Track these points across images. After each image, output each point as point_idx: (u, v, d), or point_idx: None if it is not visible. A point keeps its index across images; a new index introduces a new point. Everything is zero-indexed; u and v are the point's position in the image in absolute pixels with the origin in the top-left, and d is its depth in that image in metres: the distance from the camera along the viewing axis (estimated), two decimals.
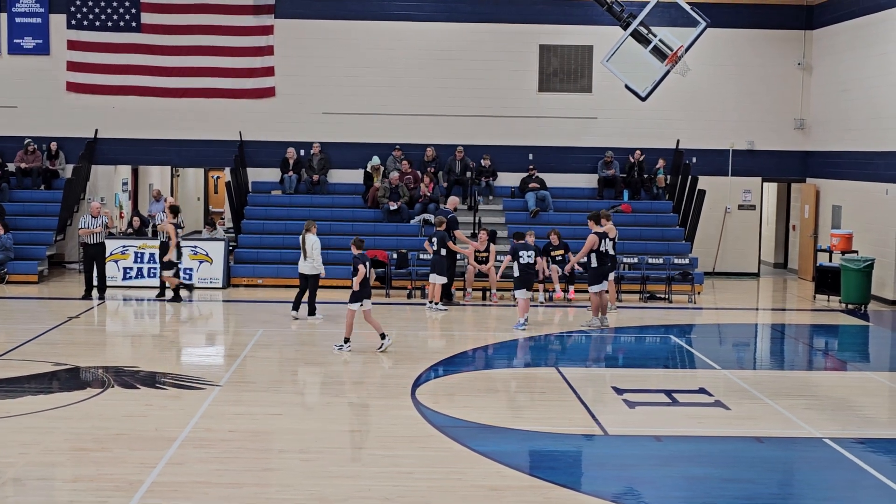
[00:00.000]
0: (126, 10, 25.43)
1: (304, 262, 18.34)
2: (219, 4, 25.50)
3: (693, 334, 18.81)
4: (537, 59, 25.94)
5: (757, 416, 12.48)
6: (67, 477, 9.84)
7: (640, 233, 24.16)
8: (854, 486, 10.01)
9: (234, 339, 17.62)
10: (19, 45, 25.52)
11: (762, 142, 26.39)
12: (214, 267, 22.51)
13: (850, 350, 18.24)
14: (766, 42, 26.16)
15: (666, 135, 25.95)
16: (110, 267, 21.63)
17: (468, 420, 11.99)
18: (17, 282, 22.43)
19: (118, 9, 25.41)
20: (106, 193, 26.21)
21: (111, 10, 25.41)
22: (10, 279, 22.45)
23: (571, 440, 11.52)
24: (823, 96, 25.62)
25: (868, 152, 23.14)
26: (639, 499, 9.52)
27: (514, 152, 25.93)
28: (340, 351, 15.56)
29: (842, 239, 22.75)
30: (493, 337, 17.73)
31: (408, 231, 24.03)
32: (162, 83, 25.58)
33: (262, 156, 25.91)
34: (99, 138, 25.76)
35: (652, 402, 13.12)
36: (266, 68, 25.75)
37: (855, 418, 12.57)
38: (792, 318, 21.05)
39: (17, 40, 25.53)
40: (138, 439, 10.91)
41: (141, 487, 9.35)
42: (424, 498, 9.28)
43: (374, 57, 25.71)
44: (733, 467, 10.50)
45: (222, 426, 11.49)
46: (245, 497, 9.22)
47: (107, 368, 14.42)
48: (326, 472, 9.98)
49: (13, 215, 23.87)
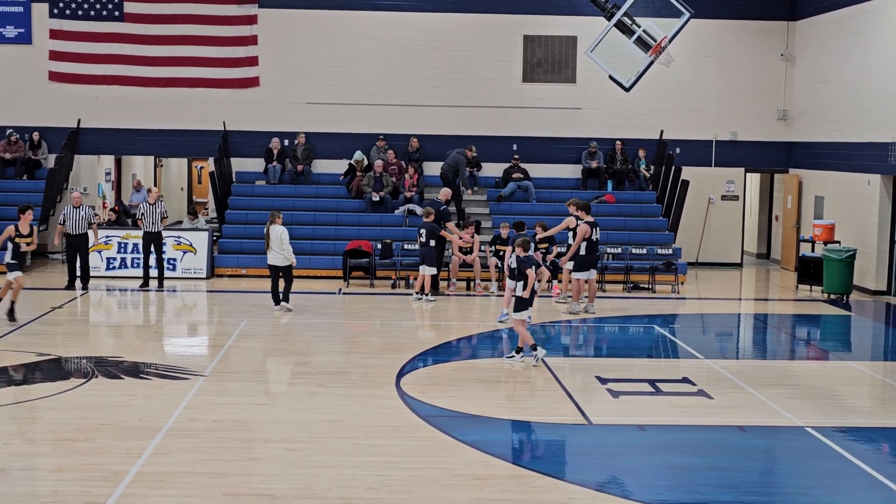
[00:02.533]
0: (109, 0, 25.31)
1: (274, 254, 17.93)
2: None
3: (676, 324, 18.87)
4: (521, 49, 25.93)
5: (739, 405, 12.54)
6: (51, 467, 9.82)
7: (624, 223, 24.23)
8: (835, 474, 10.07)
9: (218, 329, 17.59)
10: (1, 35, 25.35)
11: (745, 132, 26.47)
12: (198, 257, 22.47)
13: (832, 340, 18.33)
14: (749, 33, 26.23)
15: (650, 125, 26.00)
16: (93, 257, 21.55)
17: (452, 409, 12.01)
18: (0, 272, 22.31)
19: None
20: (89, 184, 26.11)
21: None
22: None
23: (555, 429, 11.55)
24: (806, 87, 25.71)
25: (850, 143, 23.23)
26: (622, 488, 9.55)
27: (499, 143, 25.94)
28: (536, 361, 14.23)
29: (824, 229, 22.86)
30: (478, 327, 17.76)
31: (392, 221, 24.02)
32: (145, 73, 25.47)
33: (245, 146, 25.84)
34: (82, 128, 25.65)
35: (635, 391, 13.17)
36: (250, 58, 25.67)
37: (837, 407, 12.65)
38: (774, 307, 21.15)
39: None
40: (122, 429, 10.89)
41: (125, 477, 9.34)
42: (408, 487, 9.30)
43: (359, 47, 25.66)
44: (716, 456, 10.55)
45: (207, 416, 11.48)
46: (230, 486, 9.22)
47: (90, 358, 14.38)
48: (311, 461, 9.99)
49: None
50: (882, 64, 21.82)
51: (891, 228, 21.87)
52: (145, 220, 20.67)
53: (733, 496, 9.28)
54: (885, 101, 21.66)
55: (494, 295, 20.53)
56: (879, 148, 21.67)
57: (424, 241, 19.85)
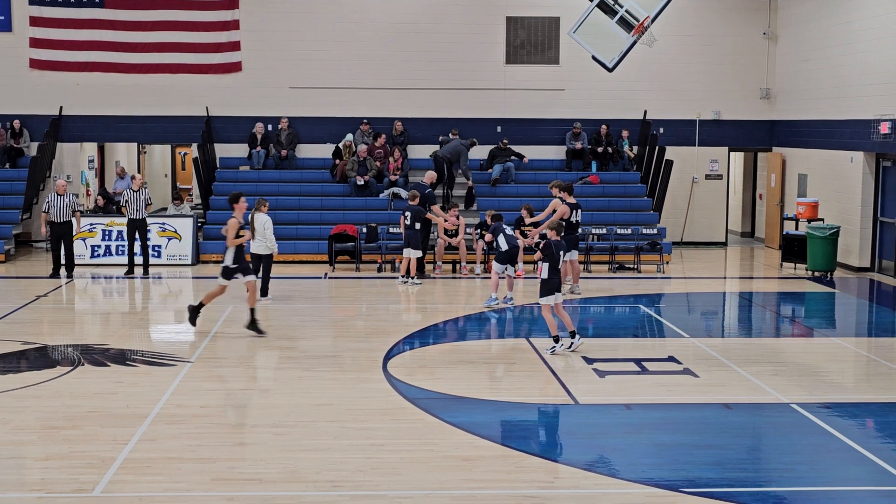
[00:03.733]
0: None
1: (256, 242, 17.42)
2: None
3: (662, 303, 18.94)
4: (504, 31, 25.89)
5: (725, 383, 12.60)
6: (39, 455, 9.81)
7: (609, 203, 24.26)
8: (820, 449, 10.14)
9: (204, 316, 17.50)
10: None
11: (728, 112, 26.51)
12: (183, 244, 22.42)
13: (817, 317, 18.42)
14: (732, 12, 26.24)
15: (633, 105, 26.01)
16: (78, 245, 21.48)
17: (440, 392, 12.04)
18: None
19: None
20: (72, 171, 25.98)
21: None
22: None
23: (542, 410, 11.60)
24: (789, 66, 25.75)
25: (833, 120, 23.29)
26: (609, 466, 9.60)
27: (483, 125, 25.91)
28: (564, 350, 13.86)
29: (808, 207, 22.95)
30: (464, 309, 17.77)
31: (377, 205, 23.99)
32: (127, 59, 25.33)
33: (229, 131, 25.76)
34: (64, 115, 25.51)
35: (622, 370, 13.22)
36: (232, 43, 25.55)
37: (821, 384, 12.72)
38: (759, 286, 21.23)
39: None
40: (110, 416, 10.88)
41: (113, 464, 9.34)
42: (397, 469, 9.33)
43: (341, 30, 25.57)
44: (702, 433, 10.60)
45: (194, 402, 11.48)
46: (218, 471, 9.23)
47: (76, 346, 14.35)
48: (299, 445, 10.00)
49: None
50: (863, 41, 21.86)
51: (874, 205, 21.97)
52: (129, 207, 20.59)
53: (719, 473, 9.34)
54: (866, 79, 21.72)
55: (480, 277, 20.56)
56: (862, 125, 21.74)
57: (409, 225, 19.83)
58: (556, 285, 13.87)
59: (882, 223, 21.85)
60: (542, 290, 13.83)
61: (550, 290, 13.80)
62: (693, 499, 8.68)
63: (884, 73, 20.95)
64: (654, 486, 8.96)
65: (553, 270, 13.78)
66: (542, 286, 13.82)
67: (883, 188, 21.85)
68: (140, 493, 8.70)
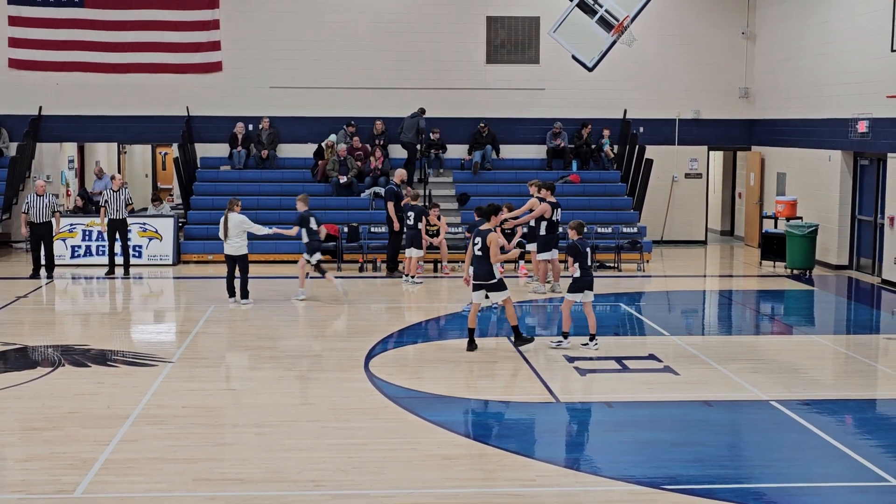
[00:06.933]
0: None
1: (231, 243, 17.29)
2: None
3: (642, 302, 18.99)
4: (485, 30, 25.91)
5: (705, 380, 12.64)
6: (19, 456, 9.75)
7: (589, 202, 24.31)
8: (800, 446, 10.19)
9: (185, 316, 17.50)
10: None
11: (708, 111, 26.61)
12: (164, 244, 22.33)
13: (796, 314, 18.51)
14: (710, 11, 26.34)
15: (613, 105, 26.07)
16: (58, 245, 21.37)
17: (422, 391, 12.04)
18: None
19: None
20: (52, 171, 25.84)
21: None
22: None
23: (524, 408, 11.61)
24: (767, 65, 25.87)
25: (811, 119, 23.42)
26: (591, 464, 9.62)
27: (464, 124, 25.92)
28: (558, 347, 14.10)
29: (786, 206, 23.05)
30: (445, 308, 17.77)
31: (358, 205, 23.98)
32: (106, 59, 25.22)
33: (210, 131, 25.68)
34: (43, 115, 25.37)
35: (603, 368, 13.25)
36: (212, 42, 25.47)
37: (800, 381, 12.78)
38: (739, 284, 21.32)
39: None
40: (90, 417, 10.83)
41: (94, 465, 9.30)
42: (378, 468, 9.32)
43: (322, 30, 25.54)
44: (683, 431, 10.64)
45: (175, 402, 11.44)
46: (200, 472, 9.20)
47: (57, 347, 14.28)
48: (281, 445, 9.98)
49: None
50: (840, 41, 21.99)
51: (852, 203, 22.10)
52: (109, 208, 20.50)
53: (700, 470, 9.38)
54: (843, 78, 21.83)
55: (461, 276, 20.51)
56: (839, 124, 21.86)
57: (412, 224, 19.87)
58: (588, 283, 14.10)
59: (860, 221, 21.98)
60: (571, 286, 14.16)
61: (580, 287, 14.05)
62: (674, 496, 8.71)
63: (861, 73, 21.07)
64: (635, 484, 8.98)
65: (583, 269, 14.02)
66: (572, 283, 14.13)
67: (861, 186, 21.98)
68: (121, 494, 8.67)
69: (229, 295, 17.66)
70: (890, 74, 19.45)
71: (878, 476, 9.27)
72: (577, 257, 14.02)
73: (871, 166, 21.54)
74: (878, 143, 20.56)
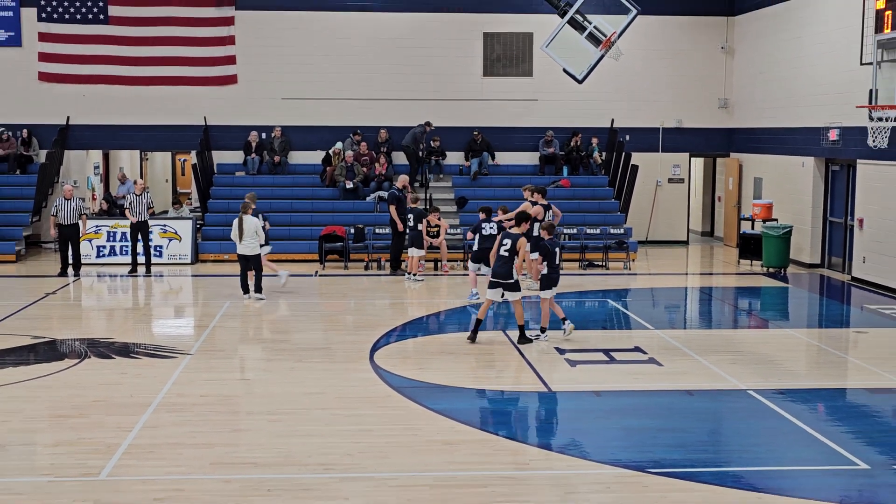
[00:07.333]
0: (94, 3, 24.99)
1: (245, 244, 17.32)
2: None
3: (628, 298, 18.97)
4: (482, 45, 25.89)
5: (687, 371, 12.64)
6: (48, 442, 9.76)
7: (579, 205, 24.28)
8: (775, 432, 10.19)
9: (203, 311, 17.48)
10: None
11: (689, 120, 26.60)
12: (183, 244, 22.33)
13: (771, 310, 18.50)
14: (692, 28, 26.33)
15: (601, 115, 26.05)
16: (84, 246, 21.36)
17: (423, 381, 12.03)
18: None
19: (86, 2, 24.96)
20: (79, 177, 25.82)
21: (80, 3, 24.96)
22: None
23: (518, 397, 11.61)
24: (745, 77, 25.85)
25: (785, 128, 23.40)
26: (580, 449, 9.61)
27: (462, 133, 25.91)
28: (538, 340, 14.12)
29: (763, 208, 23.03)
30: (445, 304, 17.76)
31: (364, 208, 23.97)
32: (130, 72, 25.21)
33: (226, 139, 25.66)
34: (71, 125, 25.35)
35: (591, 360, 13.24)
36: (228, 57, 25.46)
37: (776, 371, 12.78)
38: (718, 281, 21.30)
39: None
40: (114, 405, 10.82)
41: (118, 450, 9.29)
42: (383, 453, 9.31)
43: (330, 45, 25.52)
44: (666, 418, 10.63)
45: (194, 391, 11.44)
46: (216, 456, 9.19)
47: (83, 340, 14.27)
48: (293, 431, 9.98)
49: None
50: (813, 56, 21.98)
51: (824, 206, 22.09)
52: (133, 211, 20.50)
53: (682, 454, 9.37)
54: (815, 89, 21.83)
55: (459, 274, 20.54)
56: (812, 132, 21.85)
57: (413, 226, 19.87)
58: (555, 280, 14.17)
59: (831, 222, 21.97)
60: (542, 284, 14.13)
61: (550, 284, 14.09)
62: (658, 478, 8.71)
63: (832, 84, 21.06)
64: (622, 467, 8.98)
65: (551, 267, 14.04)
66: (543, 280, 14.10)
67: (832, 190, 21.97)
68: (143, 477, 8.66)
69: (243, 292, 17.70)
70: (859, 86, 19.42)
71: (848, 460, 9.27)
72: (546, 256, 14.08)
73: (842, 172, 21.52)
74: (847, 150, 20.55)
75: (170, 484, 8.51)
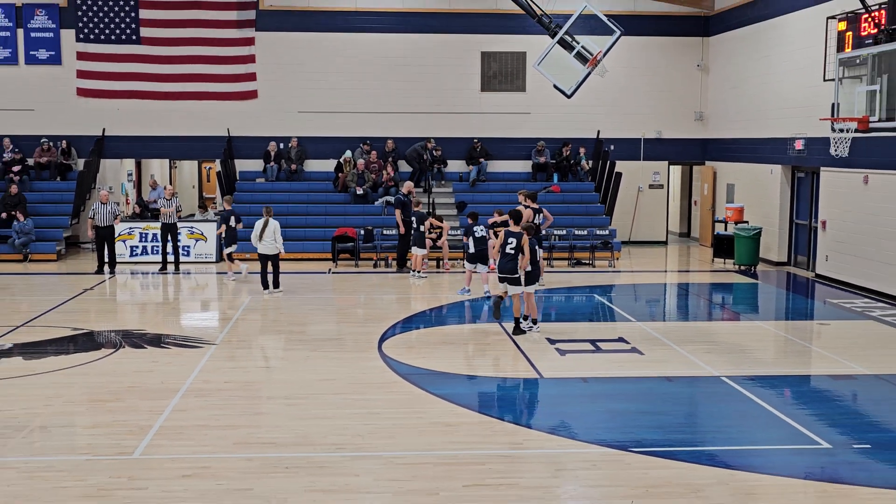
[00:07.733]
0: (127, 25, 25.00)
1: (264, 244, 17.59)
2: (208, 20, 25.14)
3: (613, 293, 18.97)
4: (479, 63, 25.89)
5: (666, 359, 12.64)
6: (87, 424, 9.77)
7: (568, 209, 24.28)
8: (746, 415, 10.19)
9: (227, 305, 17.49)
10: (34, 57, 25.02)
11: (668, 131, 26.59)
12: (208, 244, 22.35)
13: (743, 304, 18.49)
14: (671, 48, 26.32)
15: (588, 126, 26.06)
16: (119, 246, 21.38)
17: (427, 368, 12.04)
18: (38, 260, 22.13)
19: (120, 24, 24.98)
20: (113, 183, 25.85)
21: (114, 26, 24.97)
22: (32, 258, 22.15)
23: (513, 383, 11.62)
24: (718, 93, 25.85)
25: (755, 139, 23.40)
26: (570, 430, 9.62)
27: (461, 143, 25.92)
28: (530, 332, 14.08)
29: (735, 211, 23.04)
30: (446, 299, 17.76)
31: (373, 211, 23.97)
32: (160, 88, 25.22)
33: (247, 149, 25.67)
34: (106, 136, 25.37)
35: (579, 349, 13.24)
36: (249, 74, 25.47)
37: (746, 360, 12.77)
38: (694, 278, 21.30)
39: (32, 52, 25.03)
40: (147, 391, 10.84)
41: (150, 431, 9.31)
42: (391, 434, 9.32)
43: (342, 63, 25.53)
44: (647, 402, 10.64)
45: (218, 378, 11.45)
46: (239, 437, 9.21)
47: (118, 332, 14.29)
48: (308, 414, 9.99)
49: (33, 203, 23.49)
50: (780, 73, 21.98)
51: (790, 209, 22.09)
52: (162, 214, 20.52)
53: (662, 435, 9.38)
54: (782, 104, 21.83)
55: (459, 272, 20.54)
56: (780, 142, 21.85)
57: (416, 227, 19.88)
58: (536, 276, 14.15)
59: (797, 224, 21.97)
60: (527, 280, 14.06)
61: (533, 279, 14.06)
62: (640, 457, 8.72)
63: (797, 99, 21.06)
64: (607, 447, 8.99)
65: (533, 263, 13.99)
66: (527, 277, 14.04)
67: (798, 195, 21.97)
68: (173, 455, 8.68)
69: (263, 287, 17.75)
70: (822, 100, 19.41)
71: (812, 440, 9.28)
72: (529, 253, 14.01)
73: (807, 178, 21.52)
74: (812, 159, 20.55)
75: (197, 462, 8.53)
